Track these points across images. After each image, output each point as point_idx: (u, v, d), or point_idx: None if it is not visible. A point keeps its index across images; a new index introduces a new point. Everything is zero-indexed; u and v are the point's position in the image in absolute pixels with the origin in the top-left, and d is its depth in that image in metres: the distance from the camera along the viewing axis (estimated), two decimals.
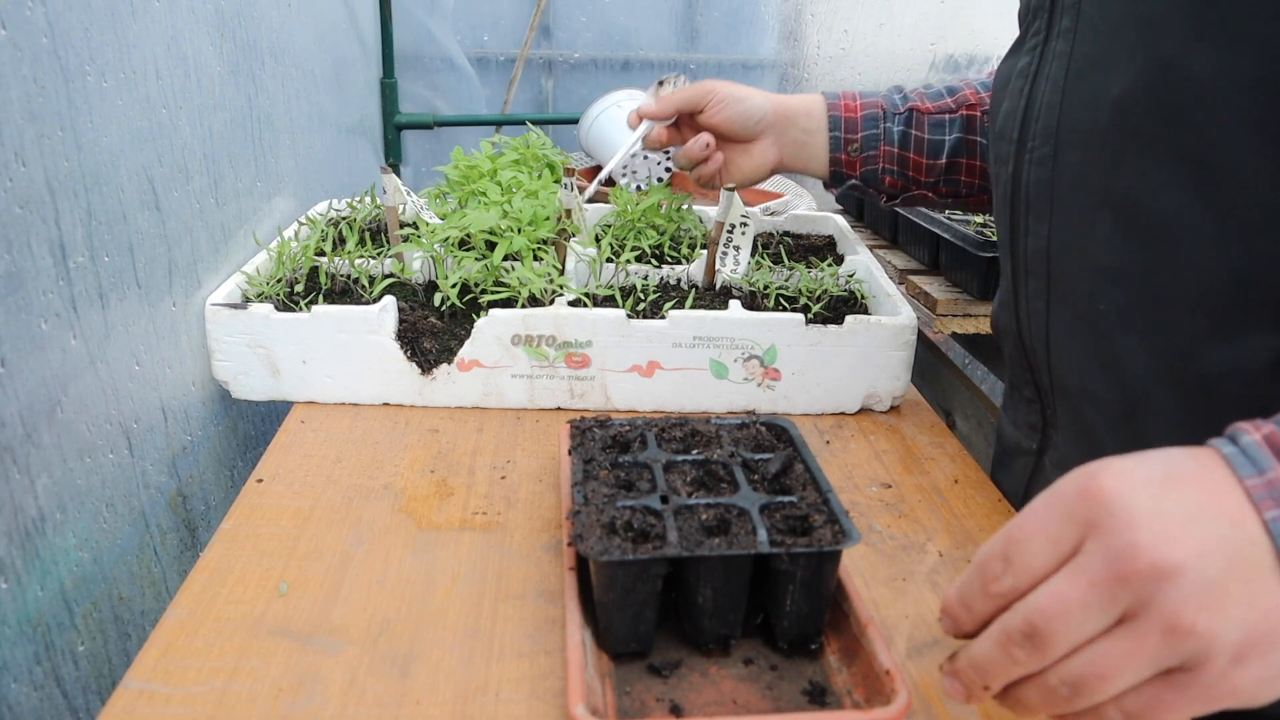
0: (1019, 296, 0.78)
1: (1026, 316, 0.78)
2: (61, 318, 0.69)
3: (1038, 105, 0.73)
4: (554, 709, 0.58)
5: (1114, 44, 0.65)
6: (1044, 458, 0.82)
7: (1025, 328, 0.78)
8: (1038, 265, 0.75)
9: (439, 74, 2.06)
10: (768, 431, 0.76)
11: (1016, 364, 0.83)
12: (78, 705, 0.70)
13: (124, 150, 0.77)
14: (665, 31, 2.19)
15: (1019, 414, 0.85)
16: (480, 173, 1.24)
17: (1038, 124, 0.73)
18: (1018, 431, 0.86)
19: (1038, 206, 0.74)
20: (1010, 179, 0.77)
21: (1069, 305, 0.73)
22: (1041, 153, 0.73)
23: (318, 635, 0.64)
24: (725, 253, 1.06)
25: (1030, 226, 0.75)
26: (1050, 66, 0.72)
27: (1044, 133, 0.72)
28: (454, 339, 0.96)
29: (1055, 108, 0.71)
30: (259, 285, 0.99)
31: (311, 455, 0.86)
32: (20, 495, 0.64)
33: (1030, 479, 0.83)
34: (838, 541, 0.61)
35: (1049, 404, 0.79)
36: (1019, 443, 0.85)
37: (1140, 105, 0.63)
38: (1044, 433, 0.81)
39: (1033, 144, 0.74)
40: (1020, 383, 0.83)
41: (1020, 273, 0.77)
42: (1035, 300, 0.76)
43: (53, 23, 0.67)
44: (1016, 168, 0.76)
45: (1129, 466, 0.45)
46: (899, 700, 0.55)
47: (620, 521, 0.63)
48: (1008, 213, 0.78)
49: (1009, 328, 0.82)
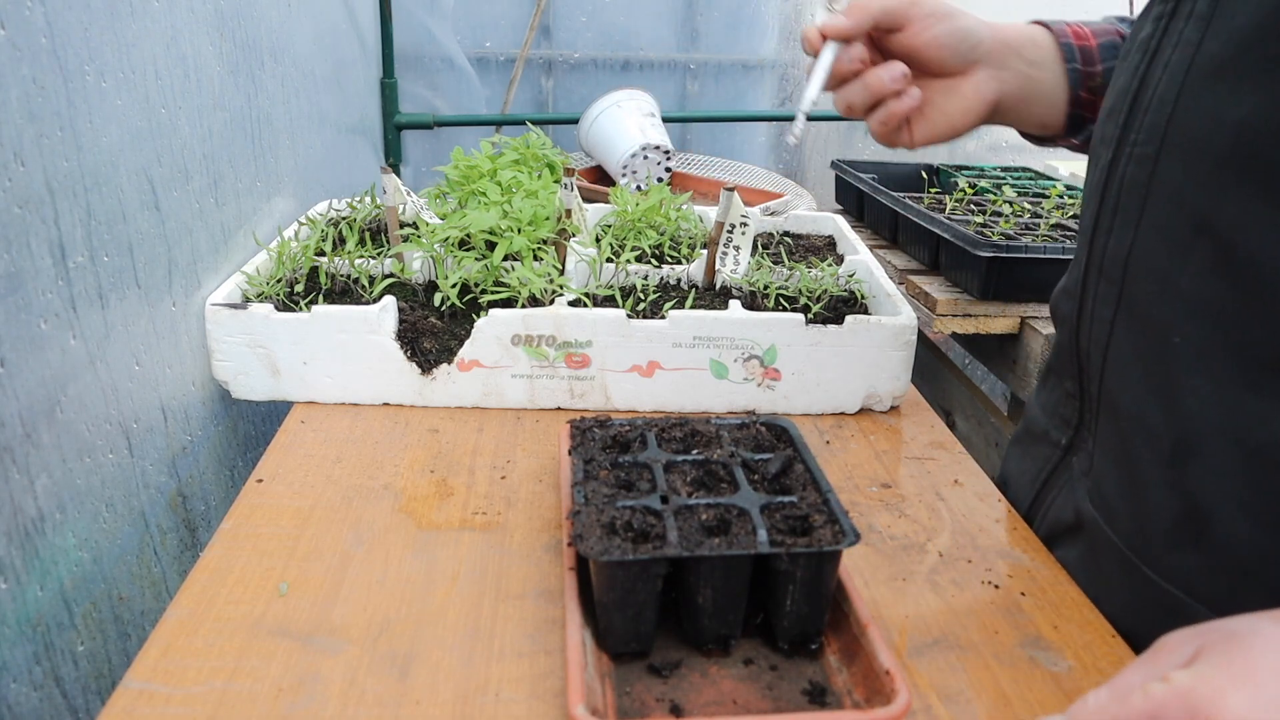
0: (1085, 294, 0.72)
1: (1089, 319, 0.72)
2: (61, 318, 0.69)
3: (1150, 93, 0.64)
4: (554, 709, 0.58)
5: (1251, 55, 0.56)
6: (1071, 457, 0.77)
7: (1085, 328, 0.72)
8: (1113, 271, 0.68)
9: (439, 74, 2.06)
10: (768, 431, 0.76)
11: (1065, 355, 0.77)
12: (77, 705, 0.70)
13: (123, 150, 0.77)
14: (665, 31, 2.19)
15: (1054, 402, 0.80)
16: (480, 173, 1.24)
17: (1145, 116, 0.64)
18: (1047, 418, 0.81)
19: (1127, 209, 0.66)
20: (1107, 166, 0.69)
21: (1138, 325, 0.66)
22: (1143, 151, 0.65)
23: (318, 635, 0.64)
24: (725, 253, 1.06)
25: (1114, 227, 0.68)
26: (1171, 52, 0.63)
27: (1150, 129, 0.64)
28: (454, 339, 0.96)
29: (1168, 104, 0.62)
30: (259, 285, 0.99)
31: (311, 455, 0.86)
32: (20, 495, 0.64)
33: (1052, 473, 0.79)
34: (838, 541, 0.61)
35: (1090, 410, 0.74)
36: (1046, 430, 0.80)
37: (1269, 137, 0.55)
38: (1076, 431, 0.76)
39: (1136, 136, 0.65)
40: (1063, 373, 0.78)
41: (1093, 271, 0.71)
42: (1102, 306, 0.70)
43: (52, 23, 0.67)
44: (1115, 157, 0.68)
45: (1245, 707, 0.41)
46: (899, 700, 0.55)
47: (620, 521, 0.63)
48: (1096, 202, 0.70)
49: (1067, 318, 0.75)
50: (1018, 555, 0.77)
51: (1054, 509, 0.79)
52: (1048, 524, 0.80)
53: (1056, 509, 0.78)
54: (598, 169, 1.94)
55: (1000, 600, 0.71)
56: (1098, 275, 0.70)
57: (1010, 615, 0.69)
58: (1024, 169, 1.98)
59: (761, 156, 2.32)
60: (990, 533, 0.80)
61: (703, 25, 2.21)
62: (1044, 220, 1.49)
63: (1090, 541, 0.73)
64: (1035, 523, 0.81)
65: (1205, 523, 0.62)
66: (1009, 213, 1.54)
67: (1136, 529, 0.68)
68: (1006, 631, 0.68)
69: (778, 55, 2.26)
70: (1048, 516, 0.80)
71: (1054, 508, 0.79)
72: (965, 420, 1.56)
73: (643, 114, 1.85)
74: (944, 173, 1.89)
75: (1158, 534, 0.66)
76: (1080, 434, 0.76)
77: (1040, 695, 0.61)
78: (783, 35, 2.23)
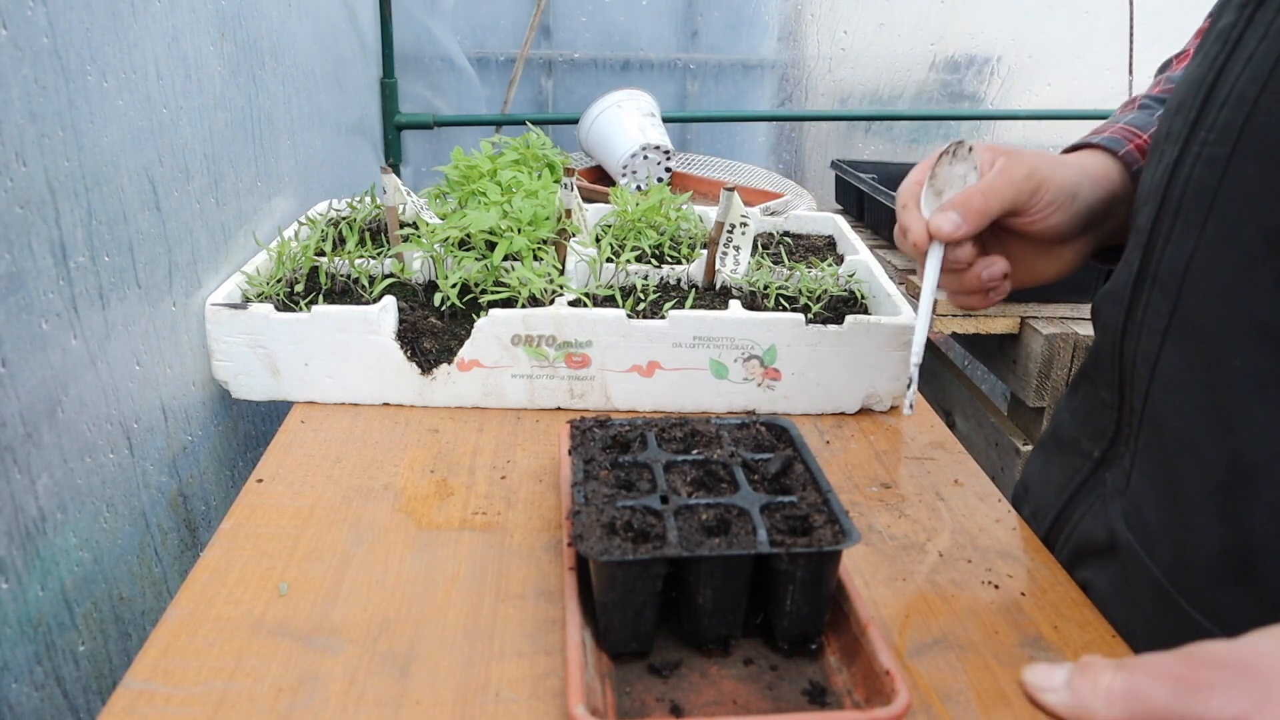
0: (1136, 301, 0.66)
1: (1138, 328, 0.66)
2: (62, 318, 0.69)
3: (1227, 87, 0.59)
4: (554, 709, 0.58)
5: None
6: (1104, 471, 0.72)
7: (1132, 338, 0.67)
8: (1170, 280, 0.63)
9: (439, 74, 2.06)
10: (768, 431, 0.76)
11: (1104, 362, 0.71)
12: (78, 705, 0.70)
13: (124, 150, 0.77)
14: (665, 31, 2.19)
15: (1086, 410, 0.75)
16: (480, 173, 1.24)
17: (1220, 112, 0.59)
18: (1078, 426, 0.76)
19: (1190, 213, 0.61)
20: (1171, 165, 0.63)
21: (1194, 341, 0.61)
22: (1214, 151, 0.59)
23: (318, 635, 0.64)
24: (725, 253, 1.06)
25: (1174, 233, 0.62)
26: (1257, 44, 0.57)
27: (1223, 127, 0.58)
28: (454, 339, 0.96)
29: (1247, 101, 0.56)
30: (259, 285, 0.99)
31: (311, 455, 0.86)
32: (21, 495, 0.64)
33: (1081, 485, 0.75)
34: (838, 541, 0.62)
35: (1129, 423, 0.69)
36: (1077, 439, 0.76)
37: None
38: (1111, 444, 0.72)
39: (1206, 134, 0.60)
40: (1101, 381, 0.72)
41: (1146, 277, 0.65)
42: (1155, 316, 0.64)
43: (54, 22, 0.67)
44: (1183, 154, 0.62)
45: None
46: (899, 700, 0.55)
47: (620, 521, 0.63)
48: (1156, 202, 0.65)
49: (1111, 324, 0.70)
50: (1018, 555, 0.77)
51: (1083, 525, 0.74)
52: (1075, 540, 0.75)
53: (1086, 526, 0.74)
54: (598, 169, 1.94)
55: (1000, 600, 0.71)
56: (1151, 282, 0.65)
57: (1010, 615, 0.69)
58: None
59: (761, 156, 2.32)
60: (990, 533, 0.80)
61: (703, 25, 2.21)
62: None
63: (1124, 568, 0.68)
64: (1060, 536, 0.77)
65: (1255, 560, 0.58)
66: None
67: (1177, 560, 0.63)
68: (1006, 631, 0.68)
69: (778, 55, 2.26)
70: (1076, 532, 0.75)
71: (1083, 524, 0.74)
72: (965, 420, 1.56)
73: (643, 114, 1.85)
74: None
75: (1201, 567, 0.61)
76: (1116, 447, 0.71)
77: None
78: (783, 35, 2.23)
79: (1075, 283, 1.39)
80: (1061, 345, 1.32)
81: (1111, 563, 0.70)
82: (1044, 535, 0.79)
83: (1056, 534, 0.78)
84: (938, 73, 2.29)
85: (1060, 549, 0.77)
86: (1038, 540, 0.79)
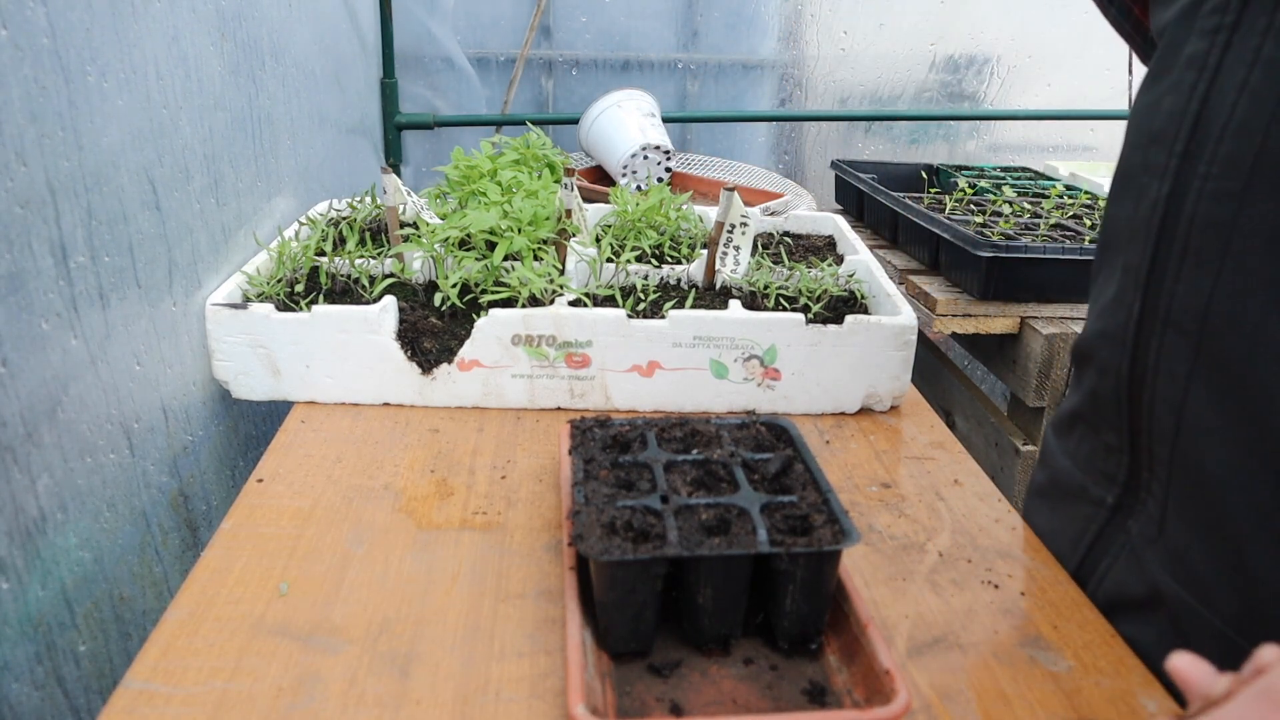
0: (1143, 345, 0.64)
1: (1153, 374, 0.64)
2: (62, 318, 0.69)
3: (1221, 118, 0.57)
4: (554, 709, 0.58)
5: None
6: (1126, 520, 0.70)
7: (1148, 385, 0.64)
8: (1188, 323, 0.61)
9: (439, 74, 2.06)
10: (768, 431, 0.76)
11: (1105, 406, 0.70)
12: (79, 705, 0.70)
13: (124, 150, 0.77)
14: (665, 31, 2.19)
15: (1088, 455, 0.73)
16: (480, 173, 1.24)
17: (1220, 145, 0.58)
18: (1080, 473, 0.74)
19: (1202, 251, 0.59)
20: (1164, 200, 0.62)
21: (1226, 384, 0.59)
22: (1222, 185, 0.57)
23: (318, 635, 0.64)
24: (725, 253, 1.06)
25: (1184, 272, 0.60)
26: (1247, 71, 0.56)
27: (1228, 160, 0.57)
28: (454, 339, 0.96)
29: (1255, 133, 0.55)
30: (259, 285, 0.99)
31: (311, 455, 0.86)
32: (21, 495, 0.64)
33: (1098, 536, 0.72)
34: (838, 541, 0.62)
35: (1150, 469, 0.67)
36: (1082, 487, 0.74)
37: None
38: (1126, 489, 0.70)
39: (1208, 169, 0.58)
40: (1102, 425, 0.71)
41: (1153, 320, 0.63)
42: (1175, 361, 0.62)
43: (54, 23, 0.67)
44: (1177, 189, 0.61)
45: None
46: (899, 700, 0.55)
47: (620, 521, 0.63)
48: (1150, 239, 0.63)
49: (1113, 368, 0.68)
50: (1018, 555, 0.77)
51: (1111, 579, 0.71)
52: (1105, 595, 0.72)
53: (1117, 578, 0.71)
54: (598, 169, 1.94)
55: (1000, 600, 0.71)
56: (1163, 325, 0.63)
57: (1010, 615, 0.69)
58: (1024, 169, 1.98)
59: (761, 156, 2.32)
60: (990, 533, 0.80)
61: (703, 25, 2.21)
62: (1044, 220, 1.49)
63: (1175, 621, 0.65)
64: (1086, 590, 0.74)
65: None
66: (1009, 213, 1.55)
67: (1242, 609, 0.60)
68: (1006, 631, 0.68)
69: (778, 55, 2.26)
70: (1104, 585, 0.72)
71: (1110, 578, 0.71)
72: (965, 420, 1.56)
73: (643, 114, 1.85)
74: (944, 173, 1.89)
75: (1273, 617, 0.58)
76: (1134, 493, 0.69)
77: (1040, 695, 0.62)
78: (783, 36, 2.23)
79: (1076, 283, 1.40)
80: (1061, 345, 1.32)
81: (1156, 616, 0.67)
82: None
83: (1081, 586, 0.75)
84: (937, 73, 2.29)
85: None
86: (1038, 540, 0.79)
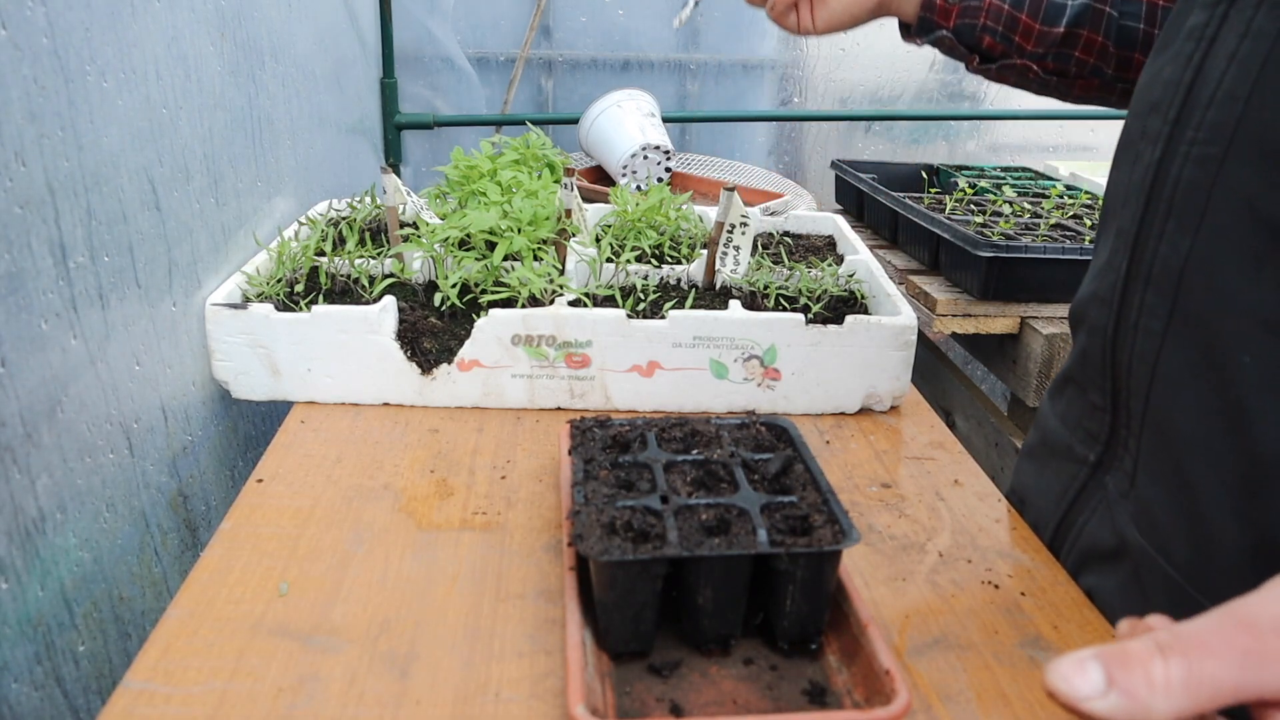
0: (1127, 303, 0.67)
1: (1132, 330, 0.66)
2: (62, 318, 0.69)
3: (1210, 87, 0.60)
4: (554, 709, 0.58)
5: None
6: (1104, 475, 0.72)
7: (1126, 341, 0.67)
8: (1164, 281, 0.63)
9: (439, 74, 2.06)
10: (768, 431, 0.76)
11: (1092, 365, 0.72)
12: (78, 705, 0.70)
13: (124, 150, 0.77)
14: (665, 31, 2.19)
15: (1076, 415, 0.75)
16: (480, 173, 1.24)
17: (1207, 112, 0.60)
18: (1068, 431, 0.76)
19: (1183, 213, 0.61)
20: (1155, 164, 0.64)
21: (1196, 340, 0.61)
22: (1205, 151, 0.60)
23: (318, 635, 0.64)
24: (725, 253, 1.06)
25: (1166, 232, 0.63)
26: (1239, 42, 0.58)
27: (1213, 126, 0.59)
28: (454, 339, 0.96)
29: (1237, 101, 0.57)
30: (259, 285, 0.99)
31: (311, 455, 0.86)
32: (21, 495, 0.64)
33: (1080, 492, 0.75)
34: (838, 541, 0.62)
35: (1127, 426, 0.69)
36: (1068, 446, 0.76)
37: None
38: (1107, 447, 0.72)
39: (1195, 134, 0.60)
40: (1089, 384, 0.73)
41: (1137, 279, 0.66)
42: (1151, 318, 0.65)
43: (53, 23, 0.67)
44: (1166, 155, 0.63)
45: None
46: (899, 700, 0.55)
47: (620, 521, 0.63)
48: (1140, 202, 0.65)
49: (1099, 327, 0.70)
50: (1018, 555, 0.77)
51: (1087, 532, 0.74)
52: (1080, 548, 0.75)
53: (1090, 533, 0.74)
54: (598, 169, 1.94)
55: (1000, 600, 0.71)
56: (1143, 284, 0.65)
57: (1010, 615, 0.69)
58: (1024, 169, 1.98)
59: (761, 156, 2.32)
60: (990, 533, 0.80)
61: (703, 25, 2.22)
62: (1044, 220, 1.49)
63: (1136, 570, 0.68)
64: (1065, 545, 0.77)
65: (1279, 553, 0.57)
66: (1009, 213, 1.55)
67: (1196, 560, 0.63)
68: (1006, 631, 0.68)
69: (778, 55, 2.26)
70: (1080, 540, 0.75)
71: (1087, 531, 0.74)
72: (965, 420, 1.56)
73: (643, 114, 1.85)
74: (944, 173, 1.89)
75: (1223, 568, 0.61)
76: (1113, 450, 0.72)
77: (1040, 695, 0.61)
78: (783, 35, 2.23)
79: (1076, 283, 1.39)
80: (1061, 345, 1.32)
81: (1120, 566, 0.70)
82: (1047, 543, 0.79)
83: (1060, 542, 0.77)
84: (938, 72, 2.29)
85: (1065, 556, 0.77)
86: (1038, 540, 0.79)
